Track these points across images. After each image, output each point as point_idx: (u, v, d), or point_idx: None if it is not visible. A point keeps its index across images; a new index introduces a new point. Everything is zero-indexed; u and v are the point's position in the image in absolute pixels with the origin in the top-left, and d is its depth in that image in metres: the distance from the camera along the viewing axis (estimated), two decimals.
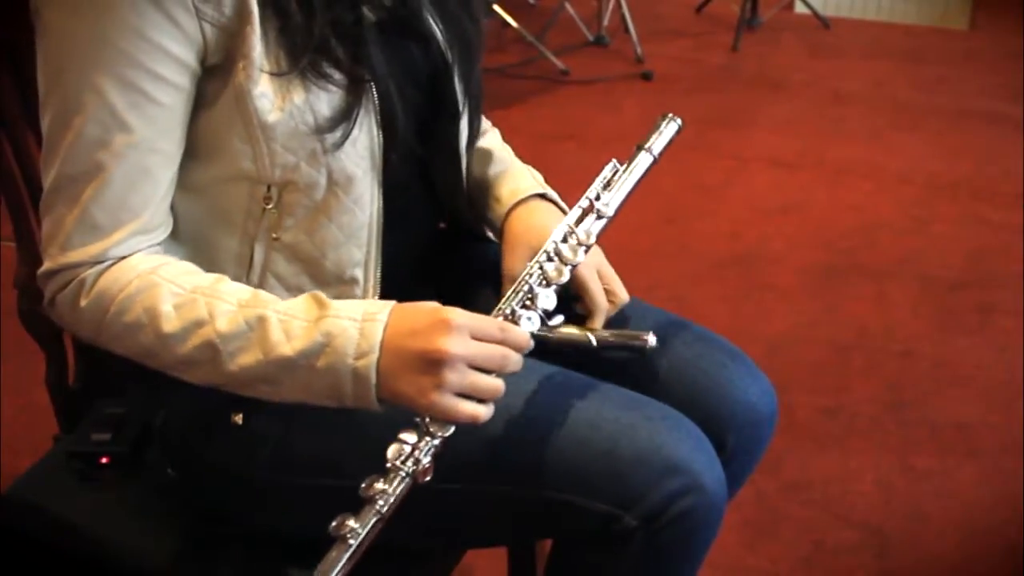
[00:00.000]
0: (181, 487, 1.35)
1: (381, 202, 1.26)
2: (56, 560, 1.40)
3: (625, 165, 1.39)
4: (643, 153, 1.39)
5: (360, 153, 1.22)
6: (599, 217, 1.36)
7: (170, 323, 1.14)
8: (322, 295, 1.17)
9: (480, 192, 1.50)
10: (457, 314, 1.13)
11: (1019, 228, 3.28)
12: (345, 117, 1.19)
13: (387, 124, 1.24)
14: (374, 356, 1.13)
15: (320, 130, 1.18)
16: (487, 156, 1.51)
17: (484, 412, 1.14)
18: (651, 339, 1.31)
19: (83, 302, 1.16)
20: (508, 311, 1.25)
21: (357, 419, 1.26)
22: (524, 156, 1.57)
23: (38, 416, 1.66)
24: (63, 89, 1.12)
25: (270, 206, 1.21)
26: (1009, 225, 3.31)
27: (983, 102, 4.11)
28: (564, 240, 1.32)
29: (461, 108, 1.37)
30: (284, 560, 1.32)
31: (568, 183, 1.26)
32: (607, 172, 1.38)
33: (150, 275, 1.16)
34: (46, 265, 1.18)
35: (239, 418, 1.27)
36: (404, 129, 1.27)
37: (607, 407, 1.26)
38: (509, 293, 1.27)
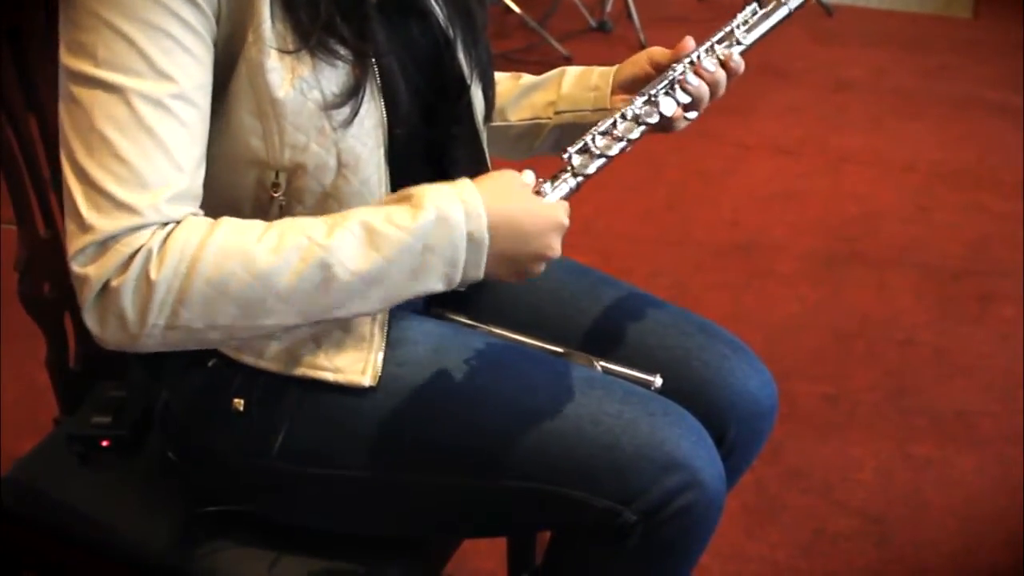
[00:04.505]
0: (181, 471, 1.35)
1: (389, 184, 1.25)
2: (56, 542, 1.40)
3: (763, 11, 1.47)
4: (782, 7, 1.49)
5: (367, 131, 1.21)
6: (737, 43, 1.43)
7: (266, 260, 1.08)
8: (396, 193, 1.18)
9: (572, 99, 1.51)
10: (565, 217, 1.20)
11: (1021, 217, 3.28)
12: (353, 93, 1.18)
13: (390, 100, 1.23)
14: (484, 219, 1.14)
15: (328, 106, 1.17)
16: (531, 83, 1.55)
17: None
18: (657, 381, 1.33)
19: (156, 274, 1.05)
20: (652, 94, 1.33)
21: (357, 410, 1.26)
22: None
23: (39, 398, 1.66)
24: (88, 47, 1.07)
25: (278, 194, 1.20)
26: (1011, 214, 3.31)
27: (986, 91, 4.10)
28: (706, 52, 1.40)
29: (468, 81, 1.37)
30: (283, 546, 1.33)
31: None
32: (747, 14, 1.45)
33: (220, 226, 1.10)
34: (85, 239, 1.06)
35: (239, 404, 1.27)
36: (407, 105, 1.27)
37: (608, 402, 1.26)
38: (655, 83, 1.35)
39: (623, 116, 1.30)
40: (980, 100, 4.03)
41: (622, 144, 1.28)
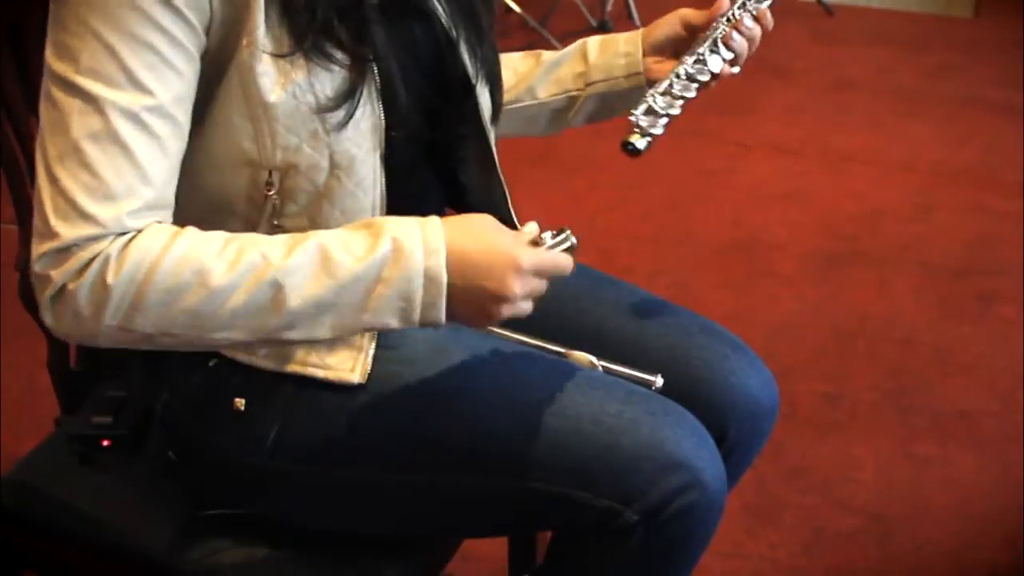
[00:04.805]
0: (181, 471, 1.35)
1: (384, 185, 1.25)
2: (56, 542, 1.40)
3: None
4: None
5: (363, 134, 1.21)
6: None
7: (221, 276, 1.08)
8: (363, 220, 1.18)
9: (600, 68, 1.53)
10: (526, 256, 1.14)
11: (1021, 216, 3.27)
12: (348, 96, 1.18)
13: (388, 103, 1.23)
14: (442, 256, 1.11)
15: (322, 109, 1.17)
16: (555, 59, 1.56)
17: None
18: (658, 381, 1.32)
19: (112, 279, 1.07)
20: (700, 53, 1.41)
21: (357, 409, 1.26)
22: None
23: (40, 398, 1.66)
24: (72, 52, 1.08)
25: (272, 192, 1.20)
26: (1012, 213, 3.30)
27: (987, 90, 4.09)
28: (740, 8, 1.46)
29: (474, 81, 1.36)
30: (283, 546, 1.33)
31: (573, 164, 1.26)
32: None
33: (182, 236, 1.10)
34: (48, 245, 1.08)
35: (240, 404, 1.27)
36: (407, 108, 1.26)
37: (609, 401, 1.26)
38: (704, 39, 1.43)
39: (677, 76, 1.37)
40: (981, 99, 4.03)
41: (681, 103, 1.36)
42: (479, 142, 1.40)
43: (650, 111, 1.34)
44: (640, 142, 1.32)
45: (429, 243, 1.12)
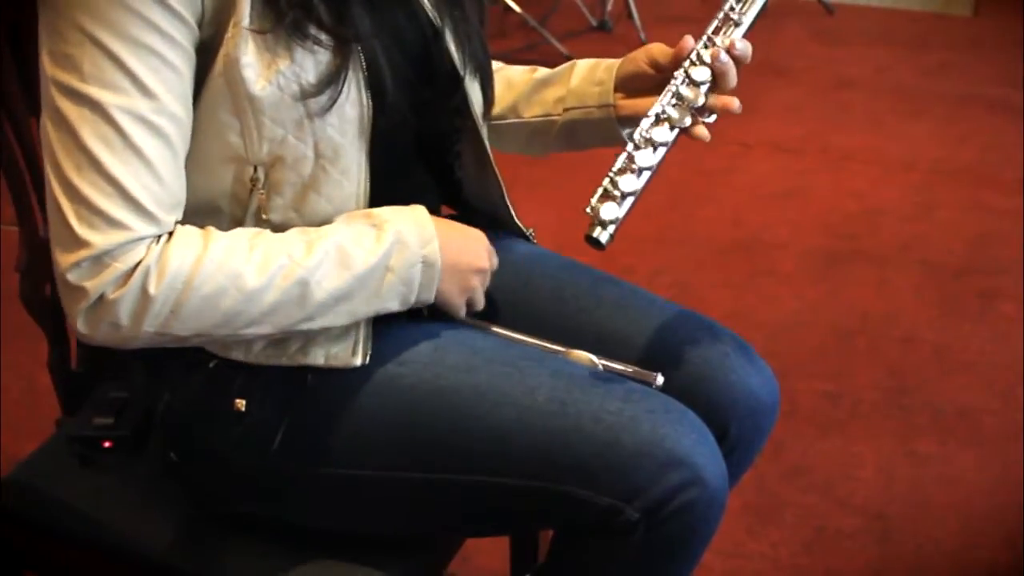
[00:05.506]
0: (183, 472, 1.35)
1: (367, 171, 1.26)
2: (57, 543, 1.40)
3: None
4: None
5: (348, 121, 1.22)
6: (736, 25, 1.38)
7: (253, 278, 1.15)
8: (361, 212, 1.25)
9: (579, 92, 1.50)
10: (486, 239, 1.34)
11: (1021, 214, 3.27)
12: (332, 80, 1.19)
13: (375, 88, 1.24)
14: (436, 243, 1.24)
15: (306, 95, 1.18)
16: (543, 78, 1.55)
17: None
18: (658, 379, 1.32)
19: (154, 289, 1.12)
20: (660, 110, 1.31)
21: (358, 408, 1.26)
22: None
23: (40, 400, 1.66)
24: (73, 60, 1.09)
25: (257, 187, 1.21)
26: (1012, 211, 3.30)
27: (987, 89, 4.09)
28: (705, 47, 1.35)
29: (461, 73, 1.37)
30: (283, 545, 1.33)
31: (573, 164, 1.26)
32: None
33: (213, 241, 1.15)
34: (80, 254, 1.10)
35: (241, 404, 1.27)
36: (393, 94, 1.26)
37: (609, 400, 1.25)
38: (666, 92, 1.32)
39: (636, 145, 1.30)
40: (981, 98, 4.03)
41: (647, 174, 1.29)
42: (472, 136, 1.41)
43: (606, 195, 1.26)
44: (603, 235, 1.24)
45: (424, 233, 1.24)
